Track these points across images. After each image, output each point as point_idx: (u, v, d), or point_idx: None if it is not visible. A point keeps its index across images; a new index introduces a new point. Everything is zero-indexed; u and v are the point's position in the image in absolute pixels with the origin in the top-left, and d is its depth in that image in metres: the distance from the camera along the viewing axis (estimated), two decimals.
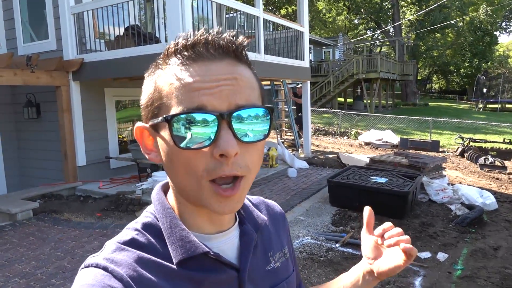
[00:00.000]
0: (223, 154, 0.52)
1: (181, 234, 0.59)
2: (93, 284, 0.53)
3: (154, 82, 0.58)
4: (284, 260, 0.73)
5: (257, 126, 0.55)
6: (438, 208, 5.68)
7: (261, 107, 0.56)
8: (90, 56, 6.33)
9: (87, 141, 6.79)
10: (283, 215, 0.82)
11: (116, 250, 0.58)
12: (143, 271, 0.56)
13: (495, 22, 37.46)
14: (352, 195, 5.40)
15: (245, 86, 0.56)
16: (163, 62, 0.58)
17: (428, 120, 13.43)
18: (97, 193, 6.29)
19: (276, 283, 0.69)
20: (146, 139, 0.61)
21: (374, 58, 20.53)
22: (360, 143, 12.25)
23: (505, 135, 12.35)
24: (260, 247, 0.69)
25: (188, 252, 0.57)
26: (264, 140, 0.57)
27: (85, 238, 4.48)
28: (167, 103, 0.55)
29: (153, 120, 0.57)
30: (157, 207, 0.64)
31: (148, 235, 0.61)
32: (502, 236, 4.79)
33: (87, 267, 0.57)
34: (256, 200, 0.79)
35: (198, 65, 0.54)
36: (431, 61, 38.21)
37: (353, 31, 39.08)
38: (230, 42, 0.56)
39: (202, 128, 0.52)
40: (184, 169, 0.55)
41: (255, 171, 0.58)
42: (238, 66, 0.56)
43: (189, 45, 0.56)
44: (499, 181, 7.64)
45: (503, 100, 27.07)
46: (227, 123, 0.53)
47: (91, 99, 6.90)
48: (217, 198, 0.55)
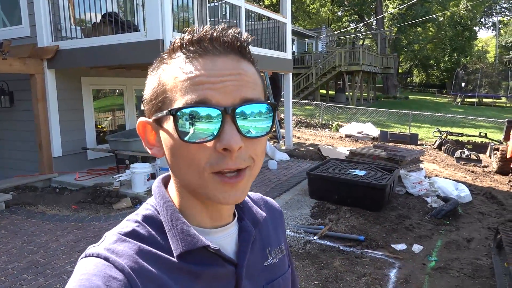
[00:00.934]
0: (226, 148, 0.53)
1: (182, 227, 0.59)
2: (94, 274, 0.53)
3: (159, 76, 0.58)
4: (281, 257, 0.74)
5: (260, 122, 0.56)
6: (415, 201, 5.79)
7: (265, 103, 0.57)
8: (65, 44, 6.13)
9: (63, 132, 6.60)
10: (280, 212, 0.83)
11: (117, 241, 0.58)
12: (144, 263, 0.56)
13: (475, 18, 38.20)
14: (331, 187, 5.44)
15: (249, 81, 0.56)
16: (169, 57, 0.59)
17: (407, 114, 13.63)
18: (74, 184, 6.15)
19: (273, 279, 0.70)
20: (149, 134, 0.62)
21: (357, 51, 20.65)
22: (341, 136, 12.36)
23: (482, 129, 12.66)
24: (258, 243, 0.70)
25: (188, 245, 0.58)
26: (266, 135, 0.58)
27: (59, 232, 4.37)
28: (171, 97, 0.55)
29: (156, 114, 0.57)
30: (158, 200, 0.64)
31: (149, 227, 0.61)
32: (475, 228, 4.92)
33: (87, 256, 0.57)
34: (255, 196, 0.80)
35: (203, 60, 0.55)
36: (412, 55, 38.72)
37: (336, 23, 39.17)
38: (235, 38, 0.57)
39: (207, 122, 0.53)
40: (187, 163, 0.55)
41: (259, 162, 0.59)
42: (242, 62, 0.57)
43: (195, 40, 0.56)
44: (474, 174, 7.84)
45: (480, 95, 27.73)
46: (231, 118, 0.53)
47: (67, 88, 6.70)
48: (222, 188, 0.55)
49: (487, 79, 28.48)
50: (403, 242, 4.36)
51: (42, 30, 6.18)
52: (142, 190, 5.68)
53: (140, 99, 8.71)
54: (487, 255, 4.12)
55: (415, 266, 3.84)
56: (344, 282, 3.46)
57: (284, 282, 0.73)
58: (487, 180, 7.40)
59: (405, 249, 4.21)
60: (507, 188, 6.87)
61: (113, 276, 0.53)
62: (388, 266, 3.83)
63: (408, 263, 3.89)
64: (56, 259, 3.70)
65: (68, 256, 3.76)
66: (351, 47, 23.21)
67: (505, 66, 31.55)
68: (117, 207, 5.27)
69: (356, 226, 4.66)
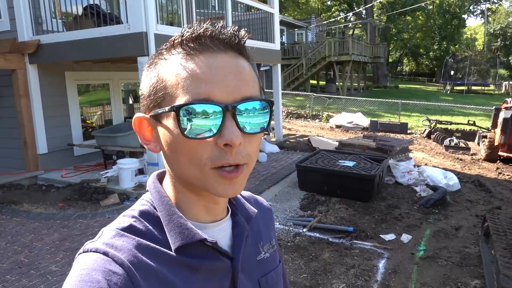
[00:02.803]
0: (227, 143, 0.54)
1: (179, 221, 0.60)
2: (94, 269, 0.53)
3: (157, 71, 0.59)
4: (273, 252, 0.76)
5: (258, 118, 0.58)
6: (404, 190, 5.80)
7: (264, 100, 0.58)
8: (47, 38, 5.97)
9: (48, 128, 6.48)
10: (270, 209, 0.85)
11: (116, 236, 0.58)
12: (143, 257, 0.56)
13: (463, 5, 38.27)
14: (321, 179, 5.42)
15: (247, 79, 0.58)
16: (167, 52, 0.59)
17: (397, 103, 13.66)
18: (60, 181, 6.05)
19: (266, 273, 0.72)
20: (145, 130, 0.62)
21: (346, 40, 20.57)
22: (332, 126, 12.36)
23: (470, 117, 12.73)
24: (251, 238, 0.71)
25: (186, 238, 0.59)
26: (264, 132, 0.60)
27: (44, 230, 4.29)
28: (172, 93, 0.56)
29: (155, 110, 0.58)
30: (154, 195, 0.64)
31: (146, 222, 0.61)
32: (464, 216, 4.95)
33: (86, 252, 0.57)
34: (246, 194, 0.81)
35: (203, 56, 0.56)
36: (401, 44, 38.79)
37: (326, 13, 38.99)
38: (233, 35, 0.58)
39: (208, 118, 0.54)
40: (187, 158, 0.56)
41: (255, 158, 0.60)
42: (240, 59, 0.59)
43: (194, 37, 0.57)
44: (462, 162, 7.89)
45: (469, 83, 27.90)
46: (232, 115, 0.55)
47: (51, 84, 6.55)
48: (222, 181, 0.56)
49: (476, 67, 28.65)
50: (392, 232, 4.36)
51: (22, 24, 6.01)
52: (130, 186, 5.61)
53: (127, 93, 8.57)
54: (475, 243, 4.15)
55: (404, 256, 3.85)
56: (333, 274, 3.46)
57: (277, 276, 0.75)
58: (475, 167, 7.45)
59: (394, 239, 4.22)
60: (495, 175, 6.93)
61: (113, 271, 0.53)
62: (377, 256, 3.83)
63: (397, 253, 3.90)
64: (41, 259, 3.63)
65: (53, 255, 3.70)
66: (341, 37, 23.12)
67: (494, 53, 31.78)
68: (104, 204, 5.20)
69: (345, 217, 4.65)
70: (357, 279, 3.39)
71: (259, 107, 0.58)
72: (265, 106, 0.59)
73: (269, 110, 0.59)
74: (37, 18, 6.13)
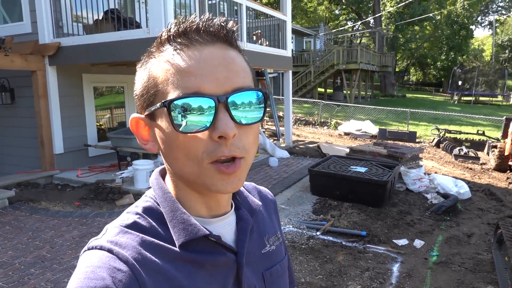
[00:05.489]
0: (222, 136, 0.53)
1: (183, 217, 0.60)
2: (99, 266, 0.53)
3: (148, 70, 0.59)
4: (278, 244, 0.75)
5: (252, 109, 0.57)
6: (415, 197, 5.85)
7: (256, 90, 0.58)
8: (67, 40, 6.13)
9: (64, 128, 6.61)
10: (274, 201, 0.84)
11: (120, 233, 0.59)
12: (147, 254, 0.56)
13: (471, 16, 38.31)
14: (333, 184, 5.49)
15: (238, 70, 0.57)
16: (156, 50, 0.59)
17: (405, 111, 13.70)
18: (76, 181, 6.16)
19: (271, 266, 0.71)
20: (142, 130, 0.62)
21: (354, 49, 20.69)
22: (340, 133, 12.41)
23: (479, 127, 12.75)
24: (255, 231, 0.71)
25: (190, 234, 0.58)
26: (259, 122, 0.59)
27: (64, 227, 4.39)
28: (163, 90, 0.56)
29: (149, 108, 0.57)
30: (157, 192, 0.64)
31: (149, 218, 0.61)
32: (475, 223, 4.98)
33: (90, 249, 0.57)
34: (249, 186, 0.81)
35: (191, 51, 0.55)
36: (409, 53, 38.83)
37: (334, 22, 39.20)
38: (221, 27, 0.57)
39: (200, 112, 0.53)
40: (184, 154, 0.56)
41: (252, 152, 0.59)
42: (229, 50, 0.58)
43: (181, 32, 0.57)
44: (472, 171, 7.92)
45: (477, 93, 27.87)
46: (224, 106, 0.54)
47: (69, 85, 6.70)
48: (220, 177, 0.56)
49: (484, 78, 28.62)
50: (405, 238, 4.41)
51: (43, 27, 6.18)
52: (145, 187, 5.70)
53: None
54: (487, 250, 4.19)
55: (417, 261, 3.90)
56: (348, 276, 3.51)
57: (282, 268, 0.74)
58: (485, 177, 7.47)
59: (406, 244, 4.26)
60: (505, 185, 6.95)
61: (118, 268, 0.53)
62: (390, 260, 3.88)
63: (410, 258, 3.95)
64: (62, 254, 3.72)
65: (74, 251, 3.79)
66: (349, 45, 23.24)
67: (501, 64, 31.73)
68: (120, 204, 5.29)
69: (358, 222, 4.71)
70: (372, 281, 3.45)
71: (252, 98, 0.57)
72: (258, 97, 0.58)
73: (263, 100, 0.59)
74: (58, 21, 6.29)
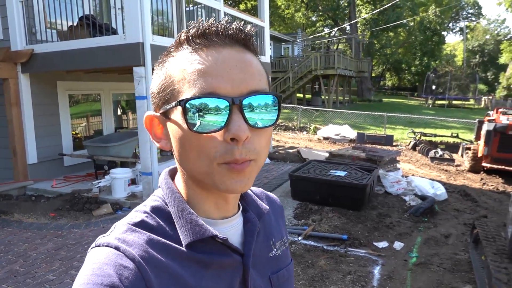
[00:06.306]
0: (234, 138, 0.54)
1: (190, 217, 0.60)
2: (105, 263, 0.53)
3: (166, 69, 0.59)
4: (284, 249, 0.76)
5: (267, 112, 0.57)
6: (394, 199, 5.94)
7: (271, 94, 0.58)
8: (41, 47, 5.97)
9: (38, 137, 6.41)
10: (281, 206, 0.85)
11: (127, 231, 0.59)
12: (153, 252, 0.57)
13: (443, 23, 39.63)
14: (313, 188, 5.51)
15: (254, 72, 0.57)
16: (175, 50, 0.60)
17: (382, 116, 13.97)
18: (50, 192, 5.98)
19: (278, 270, 0.72)
20: (156, 128, 0.63)
21: (332, 55, 21.02)
22: (319, 138, 12.53)
23: (453, 130, 13.12)
24: (262, 235, 0.71)
25: (197, 234, 0.59)
26: (272, 126, 0.59)
27: (38, 240, 4.24)
28: (178, 88, 0.56)
29: (164, 106, 0.58)
30: (165, 192, 0.65)
31: (157, 217, 0.62)
32: (452, 224, 5.10)
33: (98, 246, 0.58)
34: (257, 190, 0.81)
35: (209, 51, 0.56)
36: (384, 59, 39.73)
37: (311, 28, 39.72)
38: (239, 30, 0.58)
39: (215, 113, 0.54)
40: (195, 153, 0.56)
41: (264, 155, 0.59)
42: (246, 53, 0.58)
43: (200, 33, 0.57)
44: (448, 172, 8.12)
45: (450, 97, 28.75)
46: (238, 108, 0.54)
47: (43, 93, 6.52)
48: (230, 175, 0.56)
49: (456, 82, 29.58)
50: (385, 240, 4.46)
51: (15, 34, 5.99)
52: (123, 196, 5.58)
53: (117, 104, 8.56)
54: (464, 249, 4.28)
55: (398, 263, 3.95)
56: (330, 281, 3.52)
57: (289, 273, 0.74)
58: (460, 178, 7.68)
59: (387, 246, 4.31)
60: (480, 186, 7.15)
61: (124, 265, 0.53)
62: (371, 263, 3.91)
63: (391, 260, 3.99)
64: (37, 268, 3.58)
65: (49, 264, 3.65)
66: (326, 51, 23.57)
67: (473, 69, 32.88)
68: (97, 214, 5.16)
69: (338, 226, 4.74)
70: (354, 285, 3.46)
71: (267, 101, 0.57)
72: (273, 100, 0.58)
73: (277, 104, 0.59)
74: (31, 27, 6.13)
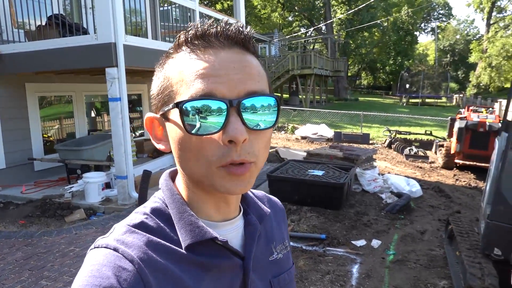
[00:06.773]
0: (232, 140, 0.53)
1: (190, 219, 0.60)
2: (104, 264, 0.53)
3: (165, 71, 0.59)
4: (286, 253, 0.75)
5: (265, 114, 0.56)
6: (371, 197, 6.01)
7: (270, 96, 0.57)
8: (7, 48, 5.71)
9: (6, 142, 6.15)
10: (283, 210, 0.84)
11: (127, 232, 0.58)
12: (153, 254, 0.56)
13: (415, 23, 40.62)
14: (291, 188, 5.51)
15: (253, 74, 0.57)
16: (174, 52, 0.59)
17: (359, 114, 14.16)
18: (20, 198, 5.74)
19: (279, 274, 0.71)
20: (156, 129, 0.63)
21: (308, 54, 21.20)
22: (297, 138, 12.58)
23: (426, 127, 13.43)
24: (263, 238, 0.70)
25: (197, 236, 0.58)
26: (272, 128, 0.58)
27: (6, 249, 4.04)
28: (176, 90, 0.56)
29: (163, 108, 0.58)
30: (165, 193, 0.64)
31: (157, 219, 0.61)
32: (427, 220, 5.19)
33: (97, 247, 0.57)
34: (259, 193, 0.80)
35: (208, 53, 0.56)
36: (359, 59, 40.42)
37: (287, 28, 39.95)
38: (239, 31, 0.58)
39: (212, 114, 0.53)
40: (194, 155, 0.56)
41: (263, 158, 0.59)
42: (246, 55, 0.58)
43: (199, 35, 0.57)
44: (422, 169, 8.29)
45: (423, 95, 29.50)
46: (236, 110, 0.53)
47: (10, 95, 6.25)
48: (229, 178, 0.55)
49: (429, 81, 30.40)
50: (363, 238, 4.50)
51: None
52: (97, 200, 5.42)
53: (90, 106, 8.33)
54: (439, 245, 4.36)
55: (375, 261, 3.98)
56: (309, 281, 3.51)
57: (290, 277, 0.73)
58: (434, 175, 7.85)
59: (364, 244, 4.34)
60: (453, 182, 7.33)
61: (123, 267, 0.53)
62: (350, 262, 3.93)
63: (369, 258, 4.02)
64: (4, 279, 3.41)
65: (18, 275, 3.49)
66: (303, 51, 23.74)
67: (444, 68, 33.86)
68: (69, 220, 4.99)
69: (317, 225, 4.75)
70: (333, 284, 3.46)
71: (266, 103, 0.56)
72: (272, 102, 0.57)
73: (276, 106, 0.58)
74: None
